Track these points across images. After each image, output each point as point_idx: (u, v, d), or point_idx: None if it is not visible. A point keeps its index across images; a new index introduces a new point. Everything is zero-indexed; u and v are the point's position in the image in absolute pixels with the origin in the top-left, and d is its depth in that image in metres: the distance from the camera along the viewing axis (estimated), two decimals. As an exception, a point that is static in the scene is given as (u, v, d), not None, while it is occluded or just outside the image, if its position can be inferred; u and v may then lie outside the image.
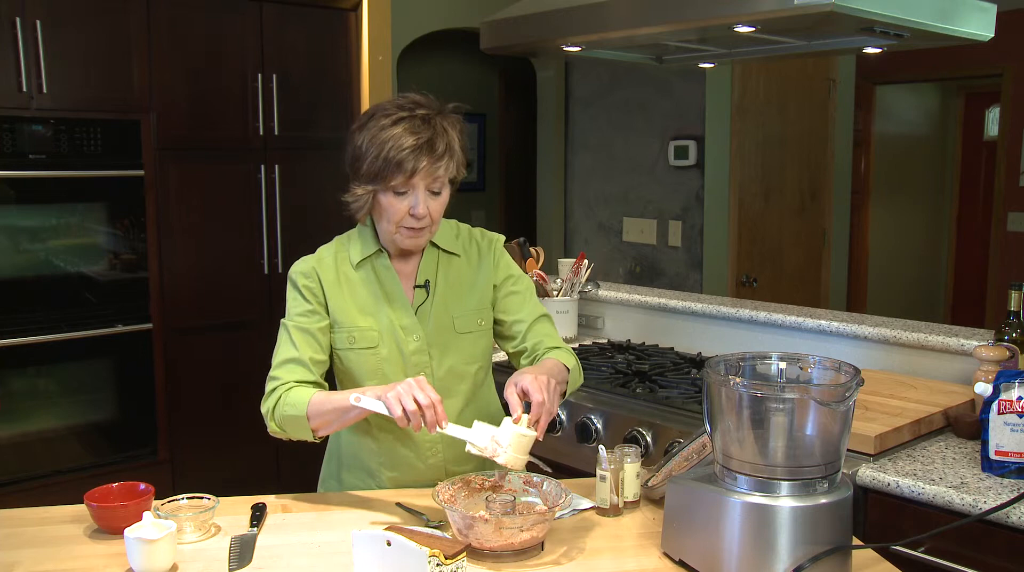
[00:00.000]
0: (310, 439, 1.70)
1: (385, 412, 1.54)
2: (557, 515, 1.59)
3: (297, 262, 1.81)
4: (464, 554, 1.35)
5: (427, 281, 1.79)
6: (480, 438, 1.54)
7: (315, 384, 1.73)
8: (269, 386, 1.72)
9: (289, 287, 1.79)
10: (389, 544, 1.36)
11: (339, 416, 1.65)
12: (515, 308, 1.85)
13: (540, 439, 1.56)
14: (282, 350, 1.75)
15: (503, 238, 1.91)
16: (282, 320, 1.78)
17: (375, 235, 1.79)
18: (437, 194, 1.69)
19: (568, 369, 1.77)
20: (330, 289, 1.76)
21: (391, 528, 1.39)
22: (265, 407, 1.72)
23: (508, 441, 1.52)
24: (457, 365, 1.80)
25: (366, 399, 1.57)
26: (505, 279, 1.86)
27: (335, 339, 1.77)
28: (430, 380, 1.73)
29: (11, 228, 3.13)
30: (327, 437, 1.81)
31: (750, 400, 1.37)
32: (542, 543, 1.53)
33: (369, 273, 1.78)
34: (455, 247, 1.83)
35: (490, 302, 1.85)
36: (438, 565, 1.31)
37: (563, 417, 2.46)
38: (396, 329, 1.76)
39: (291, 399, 1.68)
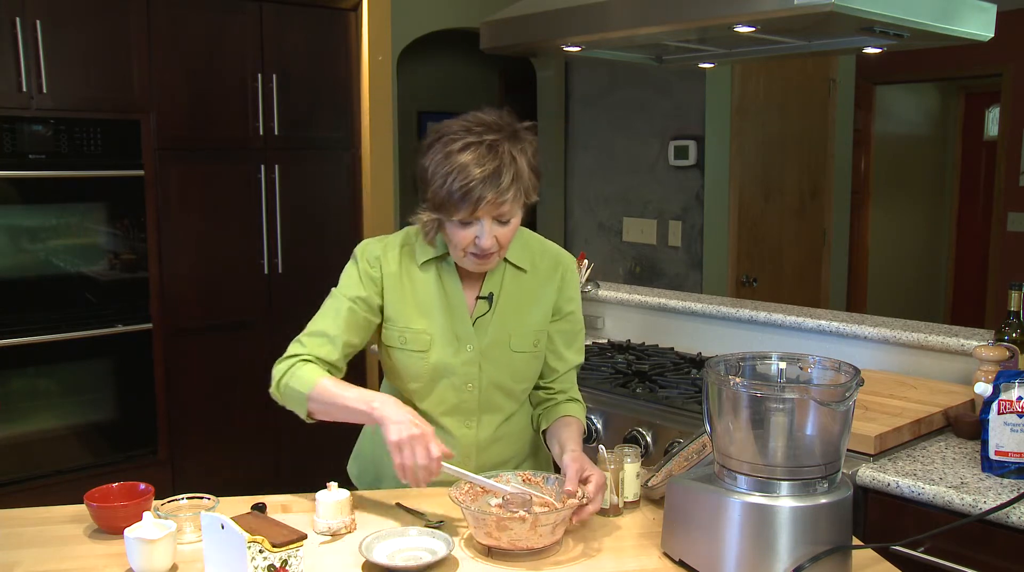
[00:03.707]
0: (303, 417, 1.66)
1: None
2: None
3: (366, 242, 1.76)
4: (299, 544, 1.29)
5: (491, 294, 1.73)
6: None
7: (332, 366, 1.68)
8: (291, 349, 1.69)
9: (351, 263, 1.74)
10: (223, 527, 1.30)
11: (342, 414, 1.61)
12: (561, 346, 1.82)
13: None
14: (321, 320, 1.71)
15: (574, 261, 1.85)
16: (333, 289, 1.74)
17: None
18: (505, 223, 1.62)
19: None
20: (390, 283, 1.71)
21: (248, 514, 1.38)
22: (277, 368, 1.67)
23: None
24: (504, 382, 1.76)
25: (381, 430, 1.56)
26: (567, 314, 1.82)
27: (386, 335, 1.73)
28: (475, 392, 1.72)
29: (11, 228, 3.13)
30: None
31: (750, 400, 1.37)
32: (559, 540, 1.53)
33: (433, 275, 1.72)
34: (523, 262, 1.77)
35: (547, 326, 1.80)
36: (260, 551, 1.25)
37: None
38: (450, 337, 1.71)
39: (302, 374, 1.63)
